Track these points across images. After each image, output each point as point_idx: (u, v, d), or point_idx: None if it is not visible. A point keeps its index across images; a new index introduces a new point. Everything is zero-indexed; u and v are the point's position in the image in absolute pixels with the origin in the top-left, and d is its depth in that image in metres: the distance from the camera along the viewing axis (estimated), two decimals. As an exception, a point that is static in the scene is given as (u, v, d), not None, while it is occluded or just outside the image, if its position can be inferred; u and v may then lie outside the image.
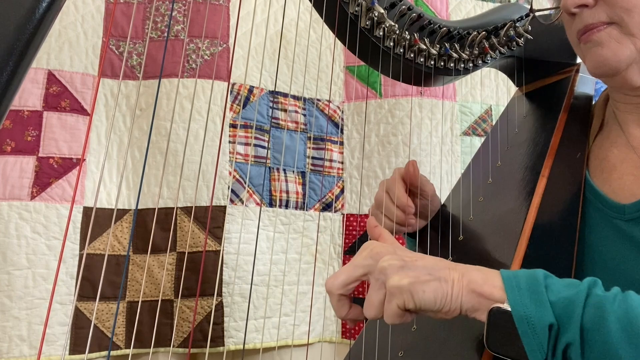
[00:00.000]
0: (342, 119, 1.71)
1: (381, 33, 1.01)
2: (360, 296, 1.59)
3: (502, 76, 1.35)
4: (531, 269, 0.73)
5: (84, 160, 1.51)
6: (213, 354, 1.52)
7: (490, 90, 1.75)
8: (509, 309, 0.69)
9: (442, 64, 1.08)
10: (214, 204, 1.54)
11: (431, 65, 1.07)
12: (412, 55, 1.05)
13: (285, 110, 1.67)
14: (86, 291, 1.46)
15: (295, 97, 1.68)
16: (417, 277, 0.72)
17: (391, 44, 1.03)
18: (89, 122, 1.53)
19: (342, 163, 1.70)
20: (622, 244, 0.90)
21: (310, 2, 0.99)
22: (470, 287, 0.72)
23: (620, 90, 0.99)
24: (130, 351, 1.48)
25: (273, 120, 1.65)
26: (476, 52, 1.11)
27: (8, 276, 1.39)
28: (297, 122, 1.67)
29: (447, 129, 1.71)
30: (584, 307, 0.67)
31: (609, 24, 0.91)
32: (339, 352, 1.60)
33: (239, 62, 1.63)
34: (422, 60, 1.06)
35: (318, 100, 1.70)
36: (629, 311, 0.66)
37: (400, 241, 1.33)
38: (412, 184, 1.08)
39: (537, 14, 1.12)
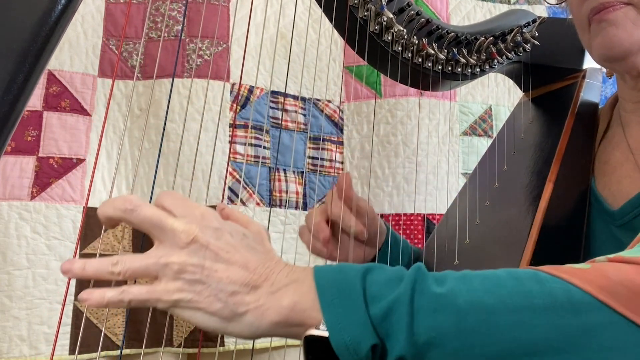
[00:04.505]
0: (342, 119, 1.71)
1: (390, 38, 1.02)
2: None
3: (502, 76, 1.35)
4: (349, 267, 0.62)
5: (85, 159, 1.50)
6: (213, 354, 1.52)
7: (490, 90, 1.75)
8: (326, 334, 0.58)
9: (449, 68, 1.09)
10: (213, 204, 1.53)
11: (439, 70, 1.07)
12: (420, 60, 1.05)
13: (285, 110, 1.67)
14: (86, 291, 1.45)
15: (295, 97, 1.68)
16: (199, 293, 0.60)
17: (399, 48, 1.03)
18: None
19: (342, 163, 1.70)
20: (615, 252, 0.89)
21: (320, 7, 0.99)
22: (272, 319, 0.60)
23: (625, 79, 0.97)
24: (130, 351, 1.48)
25: (273, 120, 1.65)
26: (483, 57, 1.12)
27: (8, 276, 1.39)
28: (297, 122, 1.67)
29: (447, 129, 1.72)
30: (413, 315, 0.57)
31: (626, 4, 0.88)
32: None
33: (239, 62, 1.62)
34: (429, 64, 1.06)
35: (318, 100, 1.70)
36: (474, 301, 0.58)
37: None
38: (346, 196, 1.03)
39: None
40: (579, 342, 0.55)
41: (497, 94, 1.76)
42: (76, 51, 1.52)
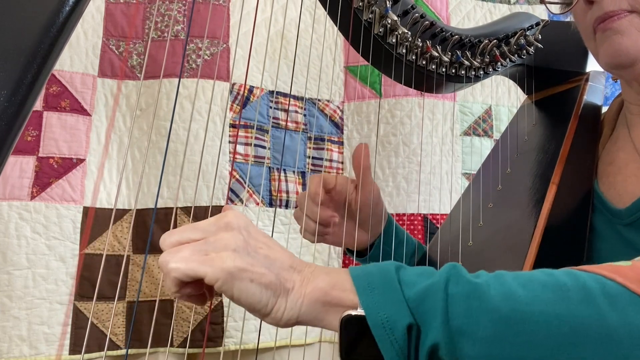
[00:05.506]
0: (342, 119, 1.71)
1: (394, 40, 1.02)
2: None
3: (502, 76, 1.35)
4: (381, 262, 0.64)
5: (85, 159, 1.49)
6: (212, 354, 1.52)
7: (490, 90, 1.76)
8: (363, 313, 0.59)
9: (453, 71, 1.09)
10: (213, 204, 1.53)
11: (443, 72, 1.08)
12: (424, 62, 1.06)
13: (285, 110, 1.67)
14: (86, 291, 1.45)
15: (295, 97, 1.68)
16: (252, 264, 0.61)
17: (404, 50, 1.03)
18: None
19: (342, 163, 1.70)
20: (624, 251, 0.89)
21: (325, 10, 0.99)
22: (313, 295, 0.62)
23: (631, 85, 0.97)
24: (130, 351, 1.48)
25: (273, 120, 1.65)
26: (487, 60, 1.12)
27: (8, 276, 1.39)
28: (297, 122, 1.67)
29: (447, 129, 1.72)
30: (447, 301, 0.58)
31: (631, 12, 0.88)
32: (337, 353, 1.60)
33: (239, 62, 1.62)
34: (434, 67, 1.06)
35: (318, 100, 1.70)
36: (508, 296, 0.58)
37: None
38: (357, 165, 1.04)
39: (547, 4, 1.05)
40: (618, 334, 0.56)
41: (497, 94, 1.76)
42: (76, 51, 1.52)
